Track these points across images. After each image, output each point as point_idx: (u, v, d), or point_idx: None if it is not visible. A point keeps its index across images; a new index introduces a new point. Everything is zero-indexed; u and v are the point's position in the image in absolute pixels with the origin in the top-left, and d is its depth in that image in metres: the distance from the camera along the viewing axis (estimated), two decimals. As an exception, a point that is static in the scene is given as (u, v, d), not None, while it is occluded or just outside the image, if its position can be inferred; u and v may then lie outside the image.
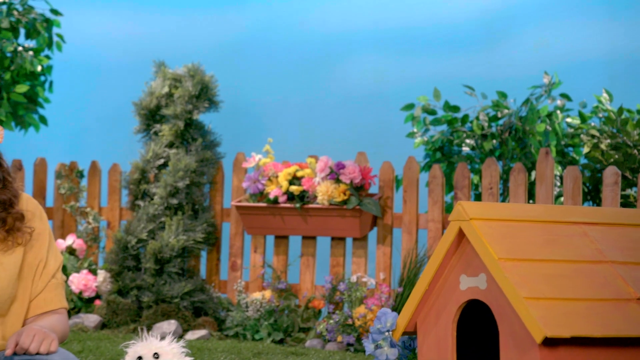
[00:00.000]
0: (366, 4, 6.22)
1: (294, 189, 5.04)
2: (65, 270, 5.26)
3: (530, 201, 4.91)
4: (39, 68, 5.48)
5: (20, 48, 5.41)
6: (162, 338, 2.57)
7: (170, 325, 4.96)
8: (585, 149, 4.94)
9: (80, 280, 5.23)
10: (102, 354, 4.30)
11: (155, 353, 2.50)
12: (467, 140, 5.19)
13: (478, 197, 5.12)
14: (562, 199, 4.86)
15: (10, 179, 2.66)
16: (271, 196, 5.07)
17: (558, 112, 5.13)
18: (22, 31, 5.52)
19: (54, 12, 5.59)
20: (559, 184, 4.97)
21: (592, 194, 5.00)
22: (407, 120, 5.32)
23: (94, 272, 5.32)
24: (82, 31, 6.04)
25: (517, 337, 2.72)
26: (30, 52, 5.42)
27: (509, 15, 6.07)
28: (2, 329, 2.61)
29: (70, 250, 5.38)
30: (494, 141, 5.15)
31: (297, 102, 6.18)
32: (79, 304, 5.25)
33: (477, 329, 3.00)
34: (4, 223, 2.59)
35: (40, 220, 2.69)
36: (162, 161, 5.33)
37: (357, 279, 4.92)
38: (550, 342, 2.66)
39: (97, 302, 5.23)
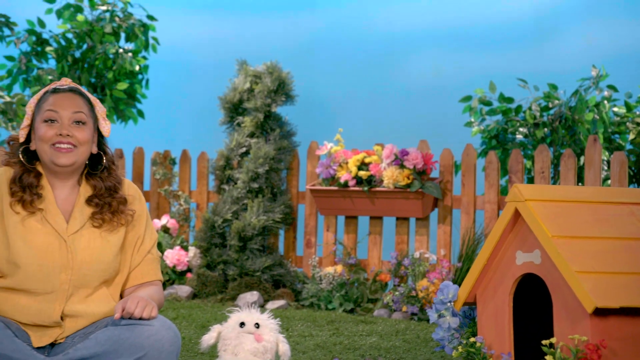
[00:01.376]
0: (426, 6, 6.17)
1: (362, 173, 5.05)
2: (160, 247, 5.32)
3: (580, 184, 4.85)
4: (137, 68, 5.54)
5: (121, 50, 5.48)
6: (251, 305, 2.60)
7: (253, 296, 4.99)
8: (631, 136, 4.86)
9: (173, 256, 5.30)
10: (194, 320, 4.35)
11: (257, 323, 2.53)
12: (521, 129, 5.14)
13: (530, 181, 5.07)
14: (609, 182, 4.79)
15: (114, 167, 2.72)
16: (342, 180, 5.08)
17: (605, 102, 5.06)
18: (123, 35, 5.58)
19: (150, 17, 5.66)
20: (606, 168, 4.90)
21: (638, 177, 4.92)
22: (464, 110, 5.29)
23: (185, 248, 5.39)
24: (174, 34, 6.09)
25: (569, 308, 2.70)
26: (130, 54, 5.49)
27: (557, 13, 5.98)
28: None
29: (165, 229, 5.45)
30: (545, 129, 5.10)
31: (364, 95, 6.17)
32: (173, 276, 5.32)
33: (532, 304, 2.98)
34: (110, 206, 2.65)
35: (139, 203, 2.74)
36: (244, 149, 5.37)
37: (420, 255, 4.90)
38: (600, 312, 2.63)
39: (189, 275, 5.29)
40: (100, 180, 2.66)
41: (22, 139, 2.64)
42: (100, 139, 2.70)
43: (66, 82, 2.69)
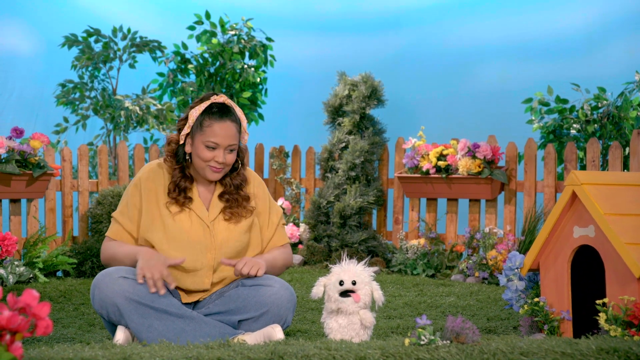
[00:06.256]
0: (492, 24, 6.07)
1: (441, 163, 5.01)
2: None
3: (625, 170, 4.70)
4: (258, 79, 5.63)
5: (245, 66, 5.58)
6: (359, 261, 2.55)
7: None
8: (671, 130, 4.66)
9: (287, 231, 5.37)
10: (305, 282, 4.41)
11: (354, 281, 2.52)
12: (574, 125, 5.01)
13: (583, 168, 4.94)
14: (651, 168, 4.62)
15: (242, 168, 2.71)
16: (424, 169, 5.06)
17: (647, 101, 4.88)
18: (247, 54, 5.68)
19: (268, 39, 5.73)
20: (648, 157, 4.73)
21: (676, 164, 4.72)
22: (526, 110, 5.18)
23: (297, 224, 5.46)
24: (287, 52, 6.16)
25: (619, 273, 2.63)
26: (252, 69, 5.57)
27: (605, 28, 5.80)
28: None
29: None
30: (595, 125, 4.95)
31: (441, 99, 6.12)
32: (288, 247, 5.39)
33: (587, 271, 2.92)
34: (237, 202, 2.69)
35: (260, 189, 2.76)
36: (343, 144, 5.39)
37: (489, 230, 4.85)
38: (646, 277, 2.56)
39: (300, 246, 5.36)
40: (230, 179, 2.69)
41: (182, 141, 2.70)
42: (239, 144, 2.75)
43: (221, 98, 2.69)
